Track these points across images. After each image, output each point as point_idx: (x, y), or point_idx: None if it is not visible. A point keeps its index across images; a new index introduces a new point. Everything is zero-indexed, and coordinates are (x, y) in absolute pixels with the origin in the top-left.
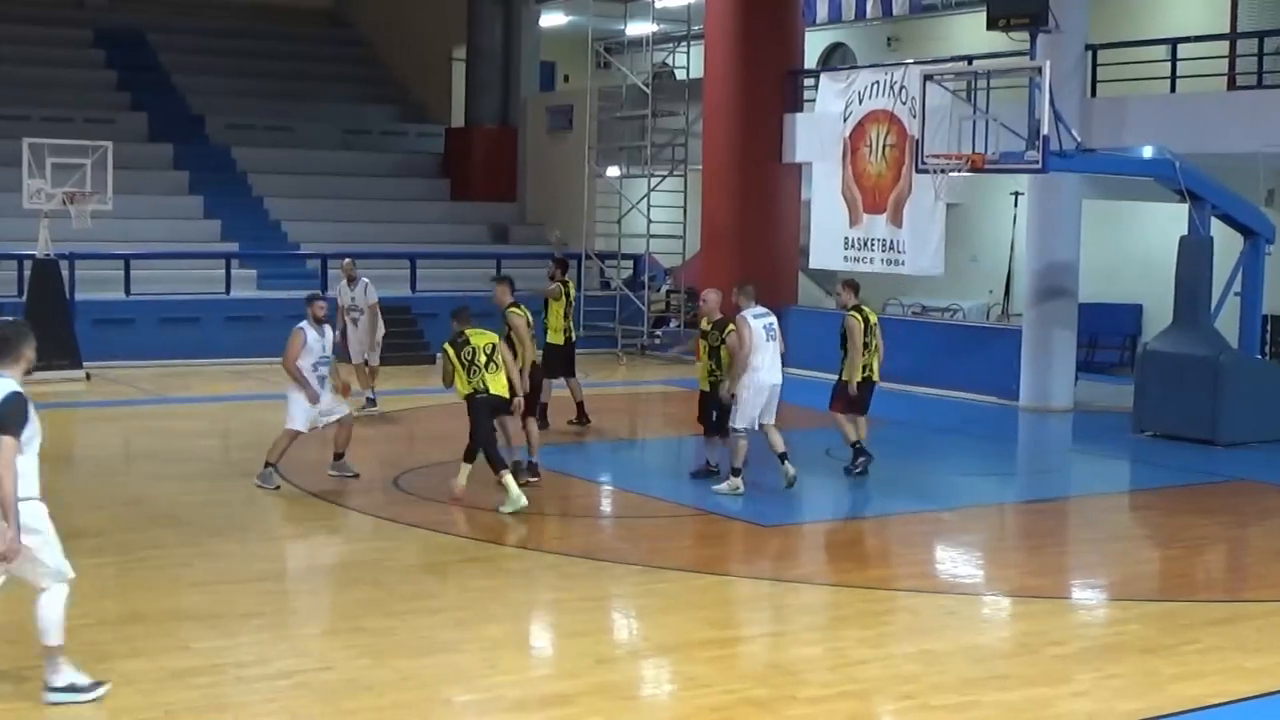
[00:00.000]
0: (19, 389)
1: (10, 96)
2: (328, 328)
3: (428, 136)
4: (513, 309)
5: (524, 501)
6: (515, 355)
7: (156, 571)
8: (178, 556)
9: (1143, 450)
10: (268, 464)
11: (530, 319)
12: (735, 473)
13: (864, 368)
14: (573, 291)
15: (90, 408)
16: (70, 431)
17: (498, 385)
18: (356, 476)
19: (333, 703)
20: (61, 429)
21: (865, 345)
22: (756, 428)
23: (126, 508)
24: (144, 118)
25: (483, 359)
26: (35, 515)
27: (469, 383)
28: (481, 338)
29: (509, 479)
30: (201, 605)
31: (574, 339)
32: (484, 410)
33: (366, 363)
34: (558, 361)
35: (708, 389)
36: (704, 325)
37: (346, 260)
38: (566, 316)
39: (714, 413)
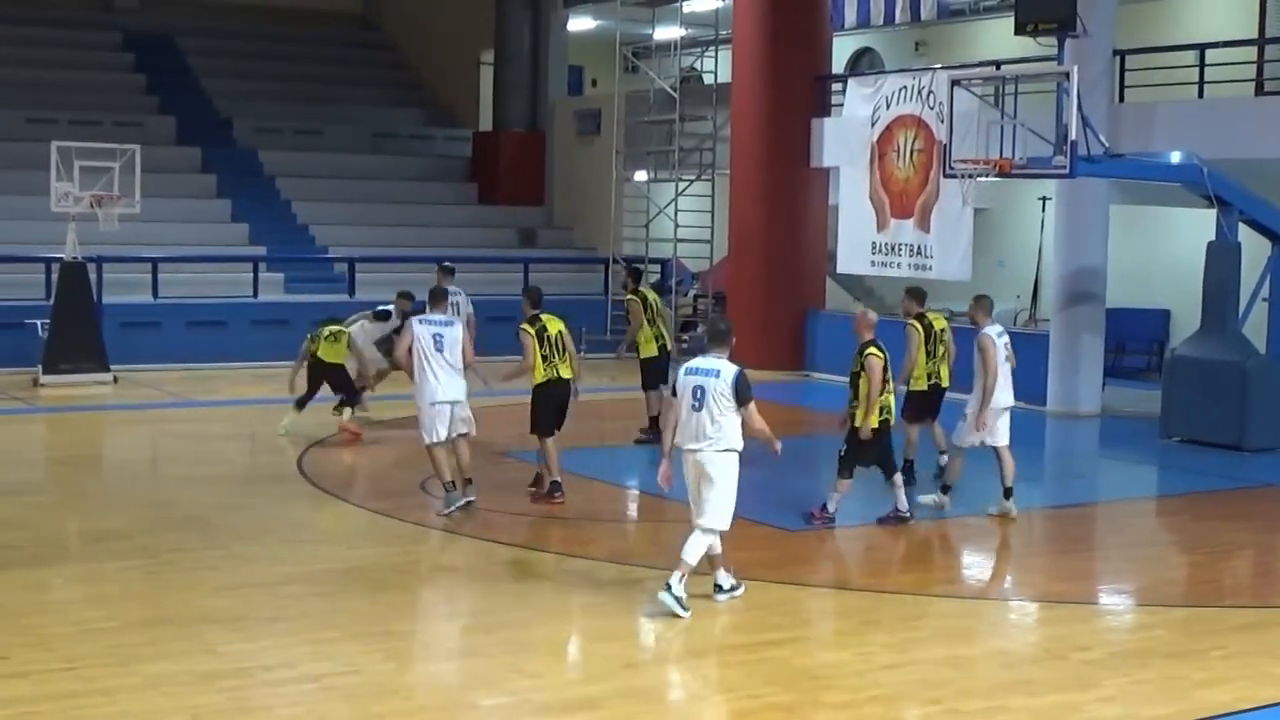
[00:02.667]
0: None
1: (38, 100)
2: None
3: (455, 140)
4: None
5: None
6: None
7: (183, 574)
8: (204, 559)
9: (1170, 455)
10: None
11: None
12: (946, 490)
13: (930, 375)
14: (652, 298)
15: (117, 411)
16: (97, 434)
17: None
18: None
19: (359, 706)
20: (88, 432)
21: (930, 353)
22: (979, 445)
23: (153, 511)
24: (172, 121)
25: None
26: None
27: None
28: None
29: None
30: (228, 608)
31: (669, 349)
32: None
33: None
34: (654, 373)
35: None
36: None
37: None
38: (653, 324)
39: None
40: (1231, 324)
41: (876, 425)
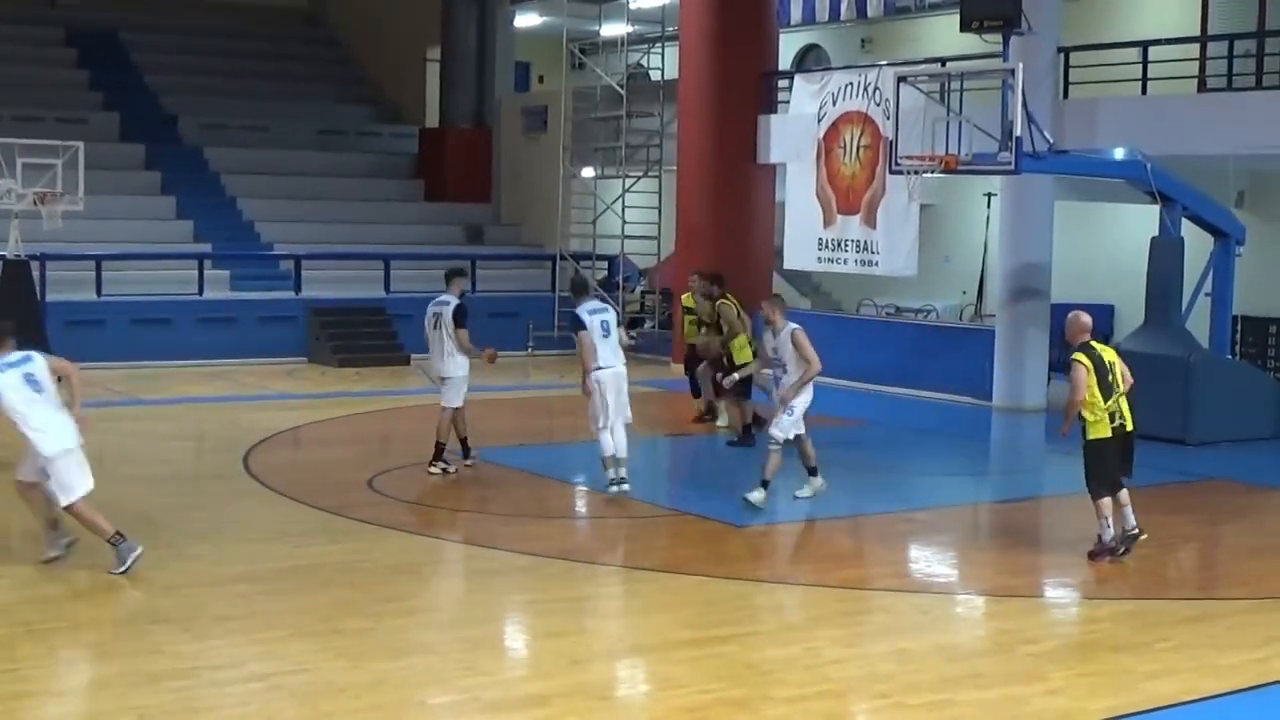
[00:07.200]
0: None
1: None
2: None
3: (402, 137)
4: None
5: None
6: None
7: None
8: (150, 559)
9: None
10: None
11: None
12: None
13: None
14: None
15: None
16: None
17: None
18: None
19: (308, 705)
20: None
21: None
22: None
23: (98, 510)
24: (116, 118)
25: None
26: None
27: None
28: None
29: None
30: (174, 608)
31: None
32: None
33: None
34: None
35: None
36: None
37: None
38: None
39: None
40: (1175, 319)
41: (1109, 434)
